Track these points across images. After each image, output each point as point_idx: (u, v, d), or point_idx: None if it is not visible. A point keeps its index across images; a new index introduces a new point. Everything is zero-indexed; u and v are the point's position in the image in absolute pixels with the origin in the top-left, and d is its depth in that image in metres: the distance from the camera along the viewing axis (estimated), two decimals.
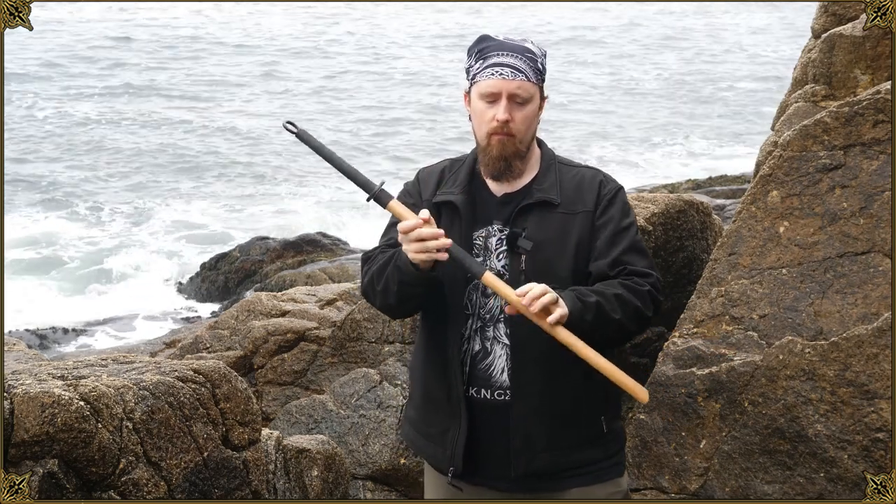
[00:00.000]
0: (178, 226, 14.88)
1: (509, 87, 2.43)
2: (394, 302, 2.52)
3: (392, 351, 4.84)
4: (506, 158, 2.48)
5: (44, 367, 3.26)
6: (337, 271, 9.17)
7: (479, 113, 2.49)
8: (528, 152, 2.53)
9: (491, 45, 2.48)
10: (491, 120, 2.46)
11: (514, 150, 2.48)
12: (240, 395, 3.38)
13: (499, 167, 2.49)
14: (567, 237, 2.49)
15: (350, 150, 19.26)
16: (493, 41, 2.49)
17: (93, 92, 24.46)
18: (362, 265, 2.65)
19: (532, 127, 2.51)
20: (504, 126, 2.45)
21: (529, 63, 2.46)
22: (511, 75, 2.43)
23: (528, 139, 2.51)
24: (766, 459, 3.46)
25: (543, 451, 2.50)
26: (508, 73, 2.43)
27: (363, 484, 4.48)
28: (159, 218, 15.23)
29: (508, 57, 2.45)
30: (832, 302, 3.44)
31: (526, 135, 2.50)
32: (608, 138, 21.26)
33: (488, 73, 2.45)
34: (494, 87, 2.44)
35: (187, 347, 5.40)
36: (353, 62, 30.62)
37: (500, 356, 2.51)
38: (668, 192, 8.55)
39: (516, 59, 2.44)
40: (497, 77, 2.44)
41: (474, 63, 2.49)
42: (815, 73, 5.22)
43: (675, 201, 4.80)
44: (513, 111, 2.45)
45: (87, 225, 14.90)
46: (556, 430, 2.51)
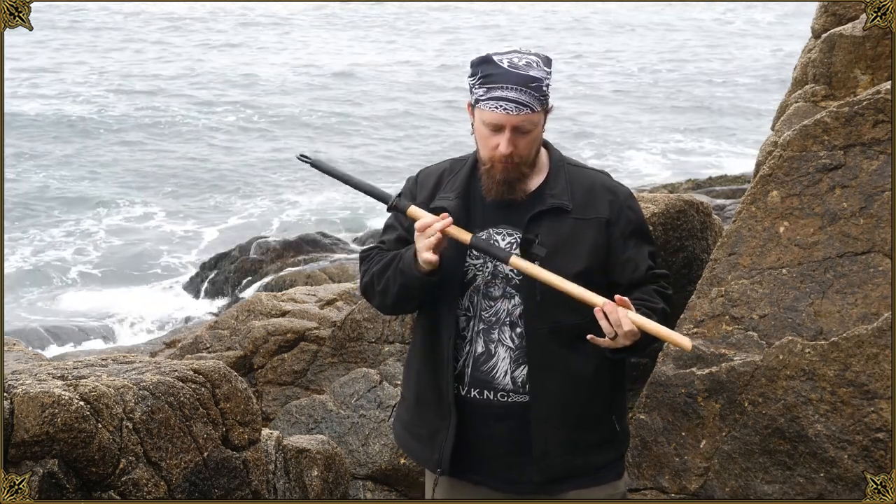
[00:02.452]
0: (179, 226, 14.89)
1: (513, 122, 2.40)
2: (391, 302, 2.58)
3: (392, 351, 4.84)
4: (509, 182, 2.48)
5: (44, 367, 3.26)
6: (337, 271, 9.17)
7: (482, 136, 2.47)
8: (533, 165, 2.53)
9: (496, 76, 2.40)
10: (494, 148, 2.44)
11: (517, 175, 2.48)
12: (240, 395, 3.38)
13: (501, 191, 2.49)
14: (580, 243, 2.50)
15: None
16: (497, 69, 2.40)
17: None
18: (360, 263, 2.69)
19: (536, 146, 2.50)
20: (507, 157, 2.44)
21: (534, 93, 2.39)
22: (515, 110, 2.39)
23: (531, 158, 2.50)
24: (766, 459, 3.46)
25: (562, 454, 2.52)
26: (513, 108, 2.39)
27: (363, 484, 4.48)
28: (159, 218, 15.24)
29: (512, 91, 2.38)
30: (832, 302, 3.44)
31: (529, 156, 2.49)
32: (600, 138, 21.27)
33: (493, 106, 2.40)
34: (498, 120, 2.41)
35: (187, 347, 5.40)
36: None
37: (503, 359, 2.52)
38: (668, 192, 8.55)
39: (521, 94, 2.38)
40: (500, 112, 2.39)
41: (477, 86, 2.44)
42: (815, 73, 5.22)
43: (675, 201, 4.80)
44: (516, 140, 2.43)
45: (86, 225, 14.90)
46: (573, 433, 2.53)
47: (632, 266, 2.54)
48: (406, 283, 2.47)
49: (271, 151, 19.40)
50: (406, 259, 2.47)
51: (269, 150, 19.50)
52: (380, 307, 2.68)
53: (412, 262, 2.44)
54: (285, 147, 19.54)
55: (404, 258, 2.48)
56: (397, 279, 2.49)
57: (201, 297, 11.07)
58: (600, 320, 2.33)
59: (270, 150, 19.49)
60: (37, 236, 14.20)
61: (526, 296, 2.48)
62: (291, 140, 20.38)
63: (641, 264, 2.55)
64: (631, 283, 2.54)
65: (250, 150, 19.59)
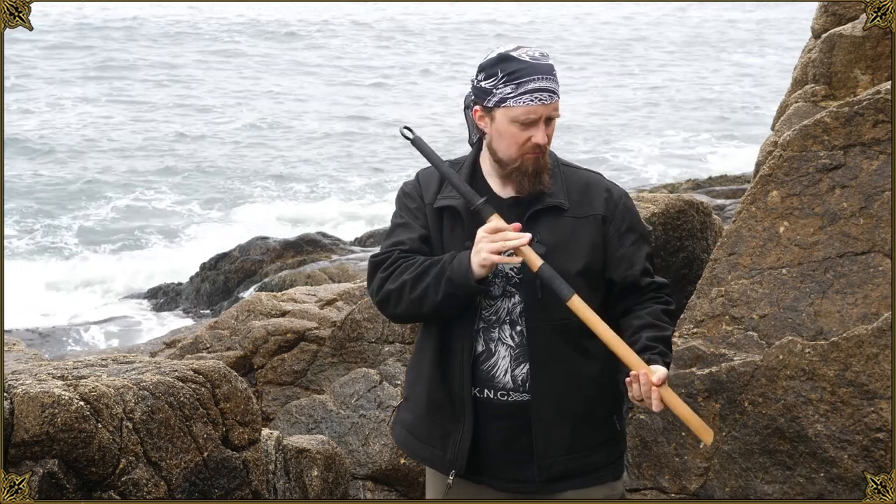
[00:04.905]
0: (179, 226, 14.88)
1: (548, 111, 2.44)
2: (428, 311, 2.48)
3: (392, 351, 4.84)
4: (539, 174, 2.49)
5: (44, 367, 3.26)
6: (337, 271, 9.17)
7: (510, 135, 2.46)
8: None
9: (523, 69, 2.43)
10: (526, 142, 2.45)
11: (544, 164, 2.50)
12: (240, 395, 3.38)
13: (533, 183, 2.49)
14: (577, 241, 2.51)
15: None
16: (522, 63, 2.43)
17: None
18: (374, 269, 2.57)
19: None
20: (541, 148, 2.46)
21: (556, 80, 2.46)
22: (549, 99, 2.43)
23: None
24: (766, 459, 3.46)
25: (563, 453, 2.52)
26: (547, 97, 2.42)
27: (363, 484, 4.48)
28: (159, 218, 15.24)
29: (543, 81, 2.42)
30: (832, 302, 3.44)
31: (549, 146, 2.53)
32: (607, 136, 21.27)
33: (527, 100, 2.41)
34: (535, 112, 2.42)
35: (187, 347, 5.40)
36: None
37: (503, 357, 2.52)
38: (668, 192, 8.55)
39: (550, 83, 2.43)
40: (537, 103, 2.41)
41: (503, 86, 2.44)
42: (815, 73, 5.22)
43: (675, 201, 4.81)
44: (548, 129, 2.47)
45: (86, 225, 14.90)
46: (574, 432, 2.53)
47: (626, 263, 2.54)
48: (455, 292, 2.40)
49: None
50: (457, 268, 2.40)
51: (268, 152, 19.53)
52: (405, 315, 2.55)
53: (467, 271, 2.38)
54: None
55: (454, 267, 2.41)
56: (442, 288, 2.42)
57: (201, 297, 11.06)
58: (631, 384, 2.34)
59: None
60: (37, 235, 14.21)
61: (526, 294, 2.48)
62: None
63: (637, 263, 2.55)
64: (625, 280, 2.54)
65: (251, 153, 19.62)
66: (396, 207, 2.64)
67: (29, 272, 12.49)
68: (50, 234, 14.40)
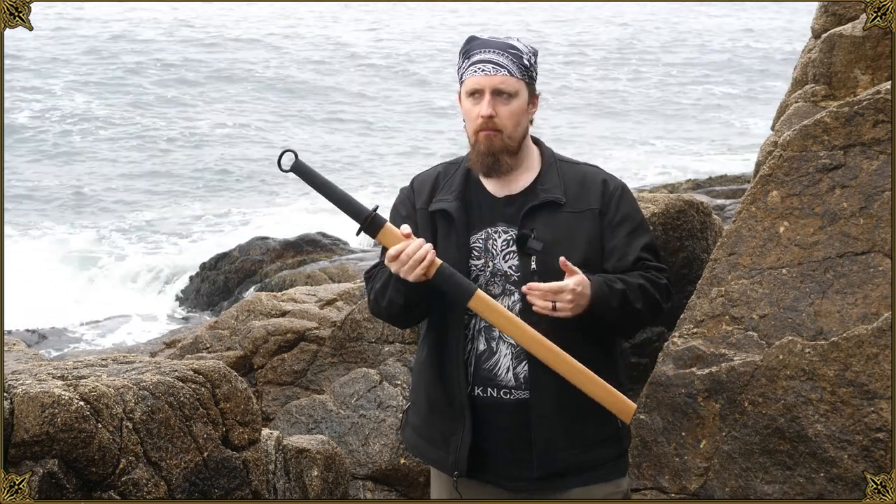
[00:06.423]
0: (179, 226, 14.88)
1: (492, 83, 2.46)
2: (398, 311, 2.55)
3: (392, 351, 4.84)
4: (493, 154, 2.49)
5: (44, 367, 3.26)
6: (337, 271, 9.17)
7: (466, 111, 2.53)
8: (518, 148, 2.54)
9: (475, 44, 2.51)
10: (476, 117, 2.48)
11: (501, 146, 2.49)
12: (240, 395, 3.38)
13: (487, 163, 2.50)
14: (575, 236, 2.51)
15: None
16: (477, 40, 2.52)
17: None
18: (366, 283, 2.67)
19: (521, 123, 2.52)
20: (489, 121, 2.47)
21: (513, 59, 2.48)
22: (493, 71, 2.46)
23: (517, 135, 2.52)
24: (766, 459, 3.46)
25: (564, 449, 2.52)
26: (490, 68, 2.46)
27: (363, 484, 4.48)
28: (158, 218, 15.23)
29: (490, 53, 2.48)
30: (832, 302, 3.44)
31: (514, 131, 2.50)
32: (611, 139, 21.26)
33: (472, 71, 2.49)
34: (478, 83, 2.47)
35: (187, 347, 5.40)
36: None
37: (505, 355, 2.52)
38: (668, 192, 8.55)
39: (498, 55, 2.47)
40: (480, 74, 2.47)
41: (461, 63, 2.53)
42: (815, 73, 5.22)
43: (675, 201, 4.81)
44: (497, 106, 2.47)
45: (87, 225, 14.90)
46: (574, 428, 2.53)
47: (617, 255, 2.54)
48: (410, 286, 2.45)
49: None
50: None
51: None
52: (392, 319, 2.65)
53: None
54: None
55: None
56: (400, 286, 2.47)
57: (201, 296, 11.06)
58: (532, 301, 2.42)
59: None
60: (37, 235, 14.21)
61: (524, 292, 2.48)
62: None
63: (629, 254, 2.54)
64: (616, 271, 2.53)
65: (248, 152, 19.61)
66: (390, 217, 2.64)
67: (29, 272, 12.49)
68: (50, 234, 14.41)
